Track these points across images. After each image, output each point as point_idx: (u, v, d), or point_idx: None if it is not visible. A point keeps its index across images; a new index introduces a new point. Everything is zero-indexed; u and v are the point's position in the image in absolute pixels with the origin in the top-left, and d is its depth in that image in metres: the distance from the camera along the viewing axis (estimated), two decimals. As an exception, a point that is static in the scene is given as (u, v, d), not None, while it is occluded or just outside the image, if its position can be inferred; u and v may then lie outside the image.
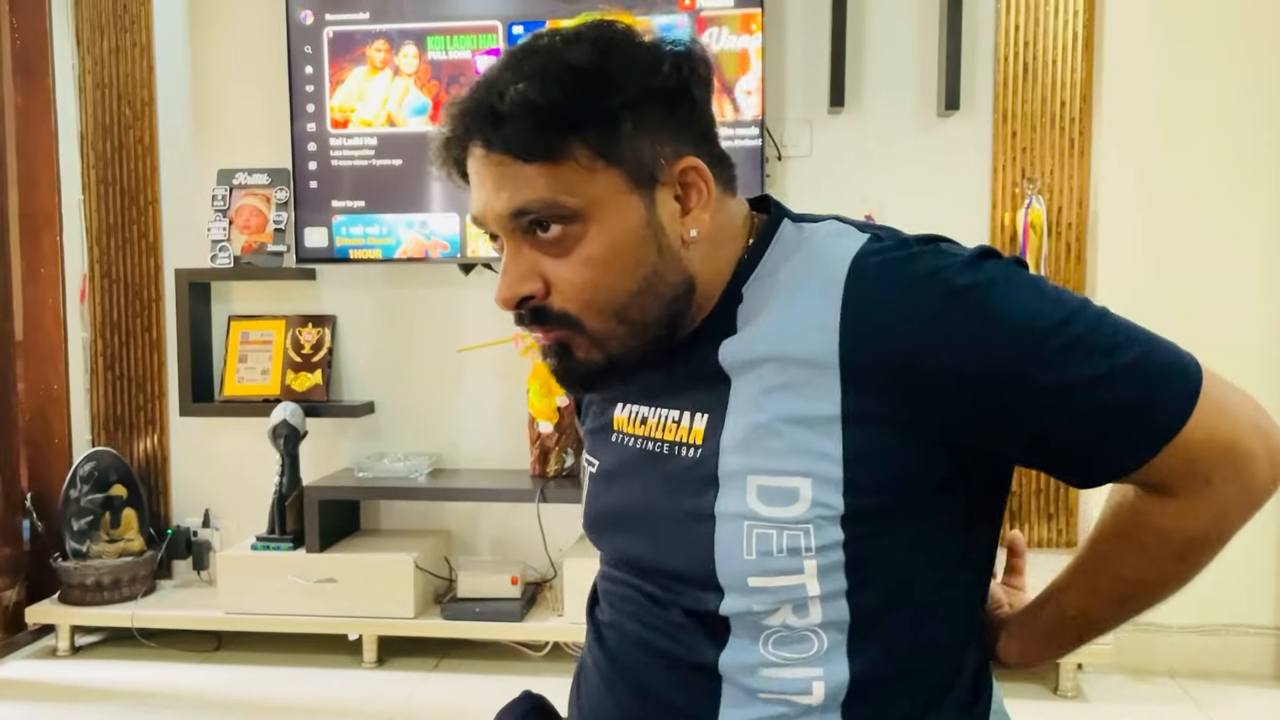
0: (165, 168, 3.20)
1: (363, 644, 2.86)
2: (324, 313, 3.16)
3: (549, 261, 0.81)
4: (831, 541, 0.79)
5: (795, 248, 0.85)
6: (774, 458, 0.80)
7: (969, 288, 0.77)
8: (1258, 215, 2.68)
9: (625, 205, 0.80)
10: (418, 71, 2.90)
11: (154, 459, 3.25)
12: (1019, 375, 0.76)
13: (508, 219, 0.81)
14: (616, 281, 0.81)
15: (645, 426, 0.91)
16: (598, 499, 0.96)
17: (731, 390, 0.84)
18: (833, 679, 0.82)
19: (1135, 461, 0.78)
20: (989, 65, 2.89)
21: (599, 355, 0.84)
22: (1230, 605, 2.71)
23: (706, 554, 0.82)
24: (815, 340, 0.79)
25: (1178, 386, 0.77)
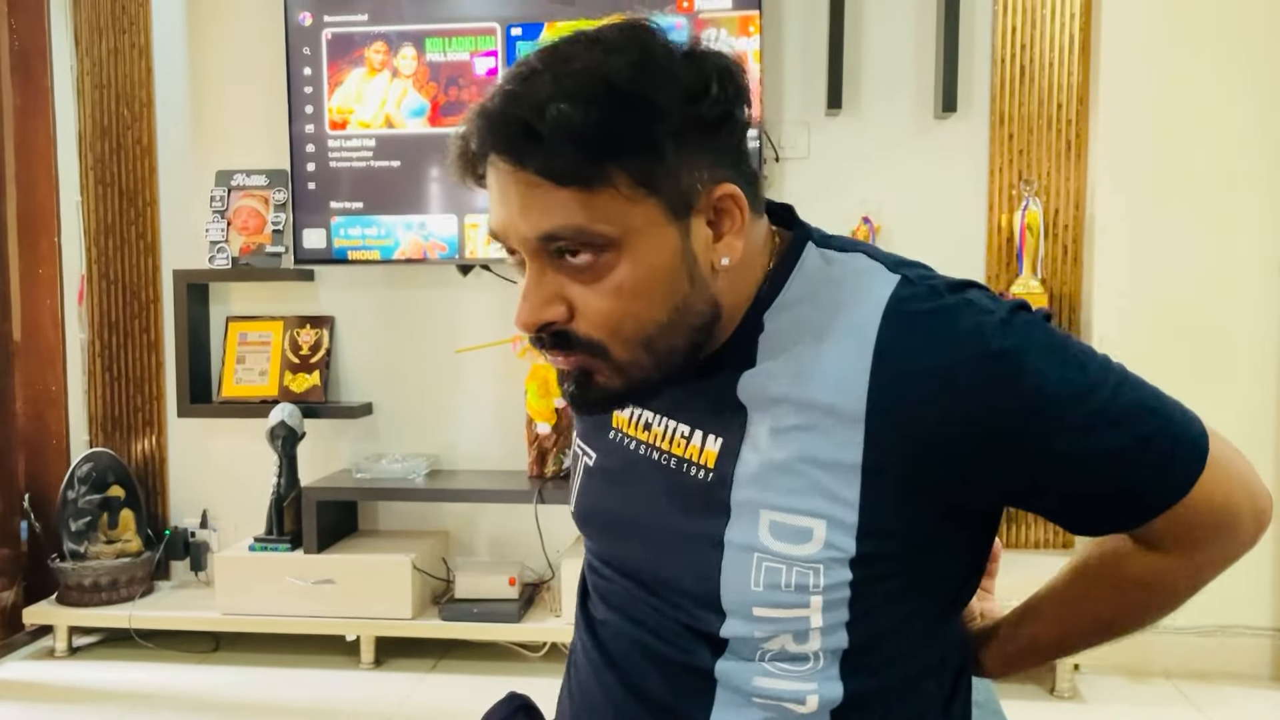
0: (163, 169, 3.20)
1: (360, 645, 2.86)
2: (322, 314, 3.16)
3: (575, 287, 0.77)
4: (839, 581, 0.79)
5: (822, 282, 0.83)
6: (789, 496, 0.79)
7: (1004, 352, 0.76)
8: (1253, 218, 2.69)
9: (662, 235, 0.76)
10: (416, 73, 2.90)
11: (152, 460, 3.25)
12: (1041, 443, 0.76)
13: (534, 241, 0.76)
14: (646, 312, 0.78)
15: (650, 434, 0.89)
16: (593, 496, 0.95)
17: (749, 421, 0.82)
18: (826, 694, 0.83)
19: (1135, 523, 0.81)
20: (986, 68, 2.90)
21: (619, 382, 0.81)
22: (1227, 607, 2.72)
23: (712, 578, 0.81)
24: (843, 388, 0.78)
25: (1186, 457, 0.79)
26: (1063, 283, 2.87)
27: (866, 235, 2.85)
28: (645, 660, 0.88)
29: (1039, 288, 2.78)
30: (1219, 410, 2.95)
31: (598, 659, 0.92)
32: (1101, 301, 2.76)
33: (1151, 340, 2.71)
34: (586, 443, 0.97)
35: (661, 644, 0.87)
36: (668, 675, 0.86)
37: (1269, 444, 2.69)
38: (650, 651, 0.88)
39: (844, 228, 2.86)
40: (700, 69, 0.77)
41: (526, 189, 0.75)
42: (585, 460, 0.97)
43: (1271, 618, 2.72)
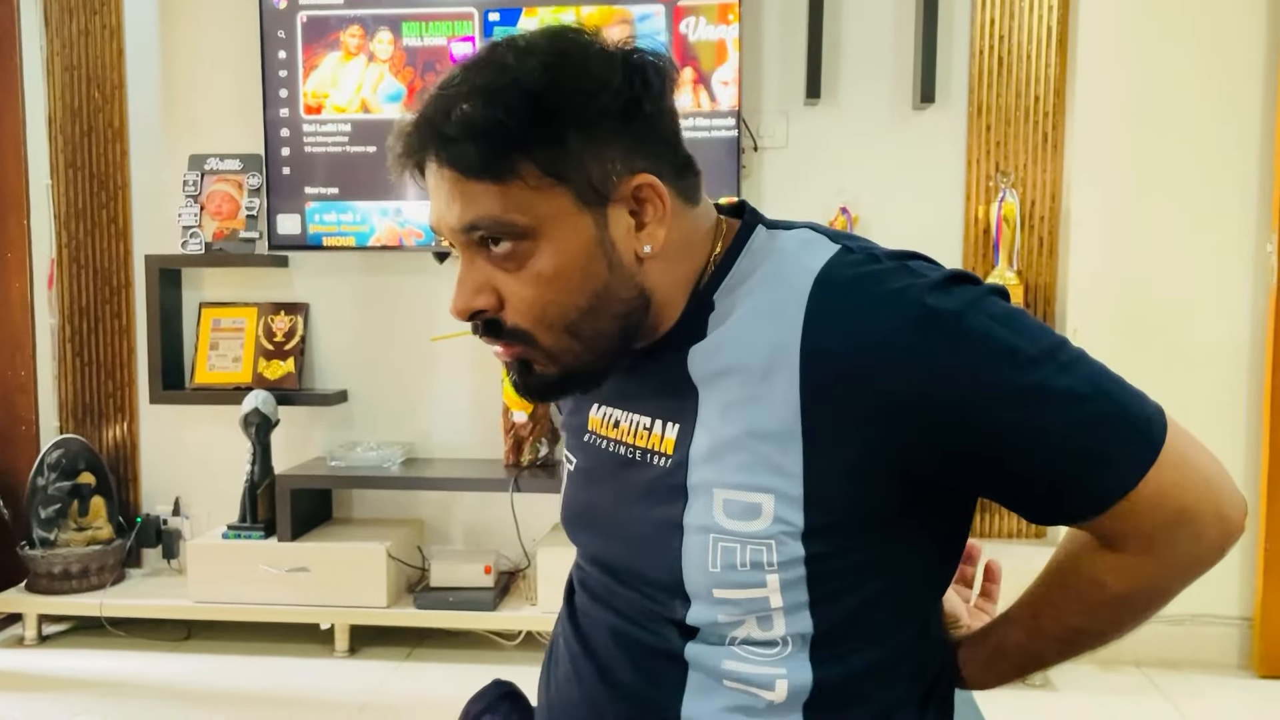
0: (135, 152, 3.16)
1: (335, 633, 2.85)
2: (297, 300, 3.13)
3: (502, 276, 0.82)
4: (793, 557, 0.79)
5: (765, 256, 0.85)
6: (738, 472, 0.80)
7: (938, 312, 0.75)
8: (1228, 211, 2.71)
9: (575, 223, 0.80)
10: (393, 58, 2.88)
11: (123, 447, 3.22)
12: (976, 411, 0.75)
13: (460, 232, 0.81)
14: (566, 298, 0.81)
15: (618, 430, 0.91)
16: (575, 497, 0.98)
17: (700, 401, 0.83)
18: (796, 680, 0.83)
19: (1086, 513, 0.79)
20: (964, 59, 2.90)
21: (555, 369, 0.84)
22: (1196, 596, 2.73)
23: (675, 564, 0.83)
24: (776, 353, 0.79)
25: (1139, 444, 0.76)
26: (1038, 274, 2.89)
27: (844, 225, 2.86)
28: (620, 649, 0.89)
29: (1015, 279, 2.80)
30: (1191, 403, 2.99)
31: (577, 650, 0.93)
32: (1076, 293, 2.77)
33: (1125, 332, 2.73)
34: (571, 450, 1.00)
35: (636, 629, 0.88)
36: (641, 662, 0.87)
37: (1240, 438, 2.72)
38: (626, 639, 0.88)
39: (822, 217, 2.86)
40: (610, 64, 0.80)
41: (450, 184, 0.80)
42: (569, 466, 1.00)
43: (1240, 607, 2.75)
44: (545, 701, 0.97)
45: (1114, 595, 0.83)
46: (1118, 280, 2.74)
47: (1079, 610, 0.86)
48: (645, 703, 0.86)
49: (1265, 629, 2.68)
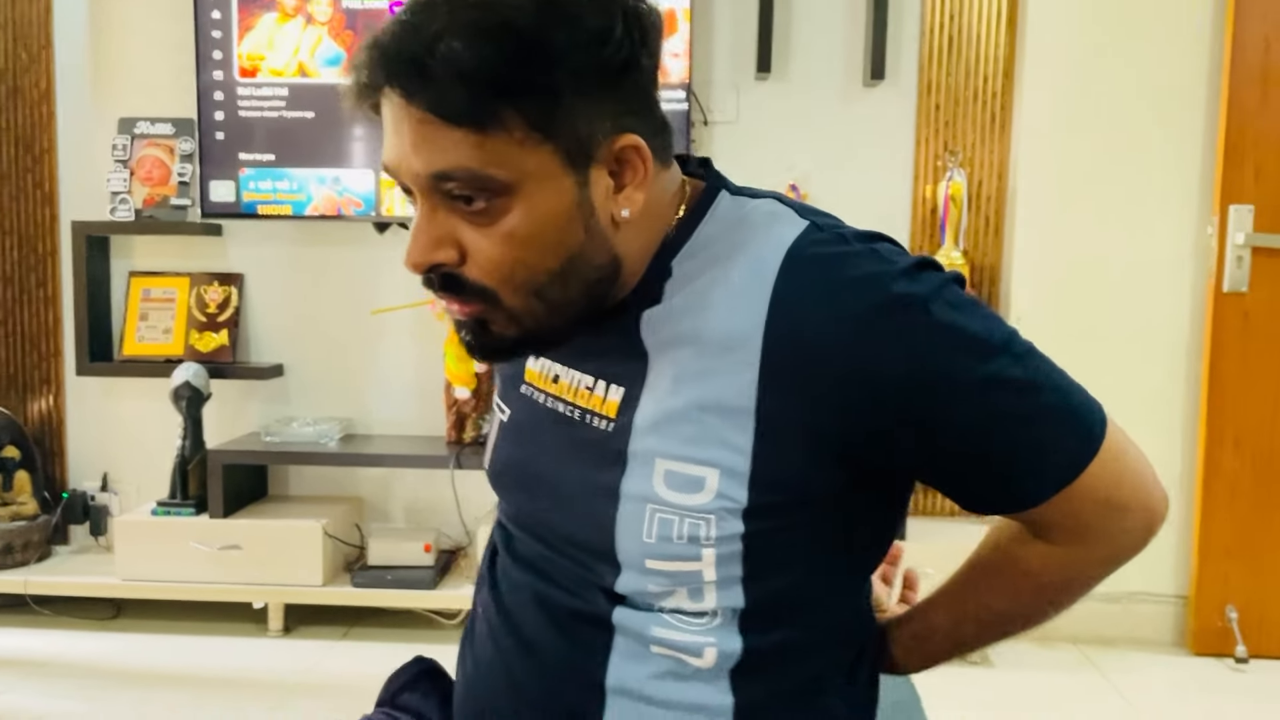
0: (62, 115, 3.04)
1: (268, 612, 2.78)
2: (231, 270, 3.04)
3: (467, 230, 0.75)
4: (731, 533, 0.77)
5: (732, 224, 0.81)
6: (684, 444, 0.77)
7: (904, 298, 0.73)
8: (1171, 193, 2.73)
9: (557, 183, 0.74)
10: (332, 20, 2.79)
11: (49, 420, 3.11)
12: (937, 398, 0.74)
13: (426, 179, 0.74)
14: (538, 260, 0.76)
15: (558, 386, 0.87)
16: (505, 451, 0.93)
17: (649, 368, 0.80)
18: (725, 648, 0.81)
19: (1026, 503, 0.78)
20: (915, 37, 2.89)
21: (514, 330, 0.79)
22: (1133, 575, 2.77)
23: (608, 530, 0.79)
24: (739, 328, 0.76)
25: (1082, 438, 0.77)
26: (984, 254, 2.89)
27: (792, 202, 2.83)
28: (544, 615, 0.85)
29: (961, 259, 2.80)
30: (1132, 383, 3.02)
31: (497, 623, 0.89)
32: (1020, 274, 2.78)
33: (1068, 314, 2.75)
34: (503, 400, 0.95)
35: (561, 594, 0.84)
36: (566, 626, 0.84)
37: (1178, 418, 2.75)
38: (549, 604, 0.85)
39: (770, 194, 2.83)
40: (607, 11, 0.73)
41: (419, 125, 0.72)
42: (501, 417, 0.95)
43: (1174, 585, 2.79)
44: (463, 675, 0.93)
45: (1042, 583, 0.85)
46: (1062, 261, 2.75)
47: (1006, 596, 0.88)
48: (568, 669, 0.83)
49: (1199, 607, 2.72)
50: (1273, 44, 2.62)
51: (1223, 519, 2.70)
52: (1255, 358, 2.68)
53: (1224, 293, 2.66)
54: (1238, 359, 2.68)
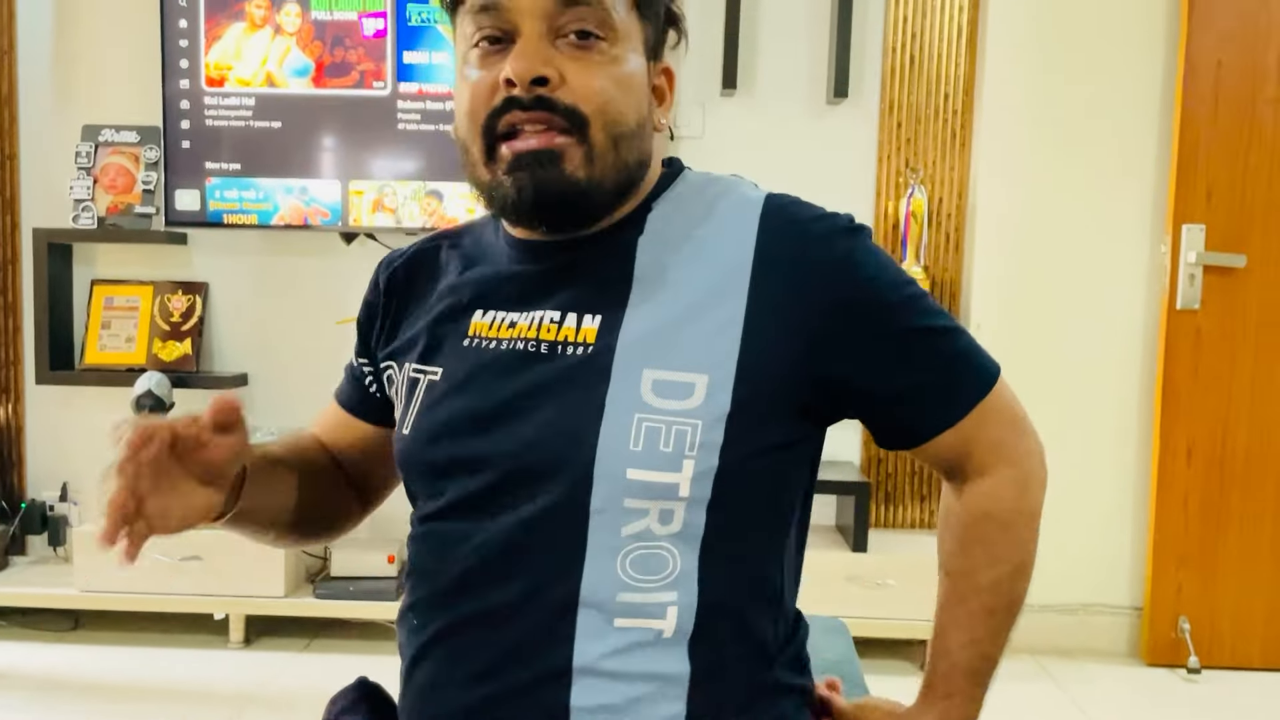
0: (25, 121, 3.02)
1: (229, 623, 2.76)
2: (195, 279, 3.03)
3: (569, 63, 0.84)
4: (712, 441, 0.82)
5: (702, 184, 0.94)
6: (675, 354, 0.84)
7: (854, 232, 0.89)
8: (1125, 211, 2.80)
9: (640, 57, 0.89)
10: (300, 31, 2.79)
11: (8, 429, 3.07)
12: (888, 313, 0.87)
13: (553, 4, 0.83)
14: (626, 106, 0.86)
15: (515, 329, 0.89)
16: (445, 407, 0.90)
17: (633, 291, 0.87)
18: (684, 603, 0.83)
19: (949, 419, 0.89)
20: (877, 56, 2.93)
21: (583, 174, 0.85)
22: (1087, 585, 2.84)
23: (588, 444, 0.82)
24: (729, 254, 0.86)
25: (986, 364, 0.92)
26: (944, 269, 2.94)
27: (757, 217, 2.87)
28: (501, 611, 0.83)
29: (921, 273, 2.84)
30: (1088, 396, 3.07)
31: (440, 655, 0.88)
32: (980, 288, 2.83)
33: (1026, 327, 2.80)
34: (427, 362, 0.94)
35: (516, 568, 0.83)
36: (524, 612, 0.83)
37: (1132, 434, 2.81)
38: (504, 579, 0.83)
39: (735, 208, 2.87)
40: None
41: None
42: (428, 379, 0.93)
43: (1129, 597, 2.85)
44: (413, 689, 0.90)
45: (973, 522, 0.92)
46: (1020, 276, 2.81)
47: (981, 558, 0.93)
48: (532, 652, 0.83)
49: (1154, 618, 2.78)
50: (1224, 66, 2.69)
51: (1176, 531, 2.76)
52: (1207, 373, 2.74)
53: (1177, 310, 2.73)
54: (1189, 374, 2.74)
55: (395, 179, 2.82)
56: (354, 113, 2.80)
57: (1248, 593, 2.76)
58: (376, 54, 2.79)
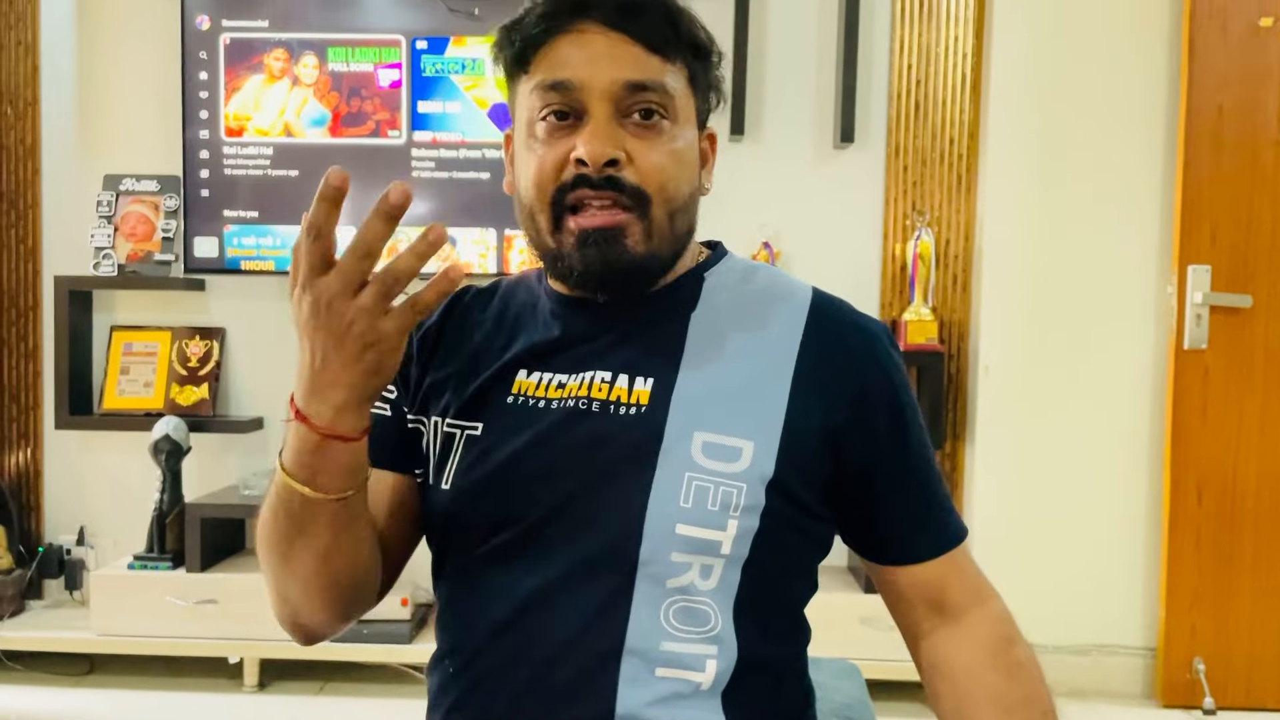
0: (48, 171, 3.08)
1: (244, 667, 2.77)
2: (212, 325, 3.07)
3: (634, 142, 0.90)
4: (754, 504, 0.87)
5: (753, 269, 1.01)
6: (724, 419, 0.89)
7: (891, 342, 0.97)
8: (1131, 252, 2.82)
9: (692, 129, 0.95)
10: (317, 82, 2.86)
11: (27, 473, 3.11)
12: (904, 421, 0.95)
13: (623, 87, 0.89)
14: (682, 181, 0.92)
15: (564, 390, 0.92)
16: (485, 461, 0.91)
17: (684, 359, 0.92)
18: (723, 657, 0.86)
19: (941, 545, 0.96)
20: (883, 102, 2.98)
21: (642, 249, 0.90)
22: (1099, 625, 2.83)
23: (639, 499, 0.86)
24: (778, 337, 0.93)
25: (956, 515, 0.99)
26: (952, 310, 2.96)
27: (766, 259, 2.90)
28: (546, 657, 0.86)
29: (930, 315, 2.87)
30: (1097, 437, 3.06)
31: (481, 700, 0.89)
32: (988, 329, 2.85)
33: (1034, 368, 2.82)
34: (466, 418, 0.94)
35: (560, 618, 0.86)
36: (569, 661, 0.85)
37: (1142, 474, 2.82)
38: (549, 636, 0.86)
39: (745, 251, 2.90)
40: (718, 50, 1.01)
41: (619, 48, 0.90)
42: (467, 434, 0.94)
43: (1143, 637, 2.84)
44: None
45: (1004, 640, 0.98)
46: (1028, 317, 2.83)
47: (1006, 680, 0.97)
48: (577, 697, 0.85)
49: (1168, 659, 2.76)
50: (1225, 110, 2.73)
51: (1188, 571, 2.75)
52: (1216, 412, 2.75)
53: (1184, 349, 2.74)
54: (1198, 413, 2.75)
55: (409, 225, 2.86)
56: (369, 161, 2.86)
57: (1263, 632, 2.75)
58: (392, 104, 2.85)
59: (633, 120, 0.90)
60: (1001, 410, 2.83)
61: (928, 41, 2.95)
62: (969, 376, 2.95)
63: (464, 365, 0.97)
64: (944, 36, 2.94)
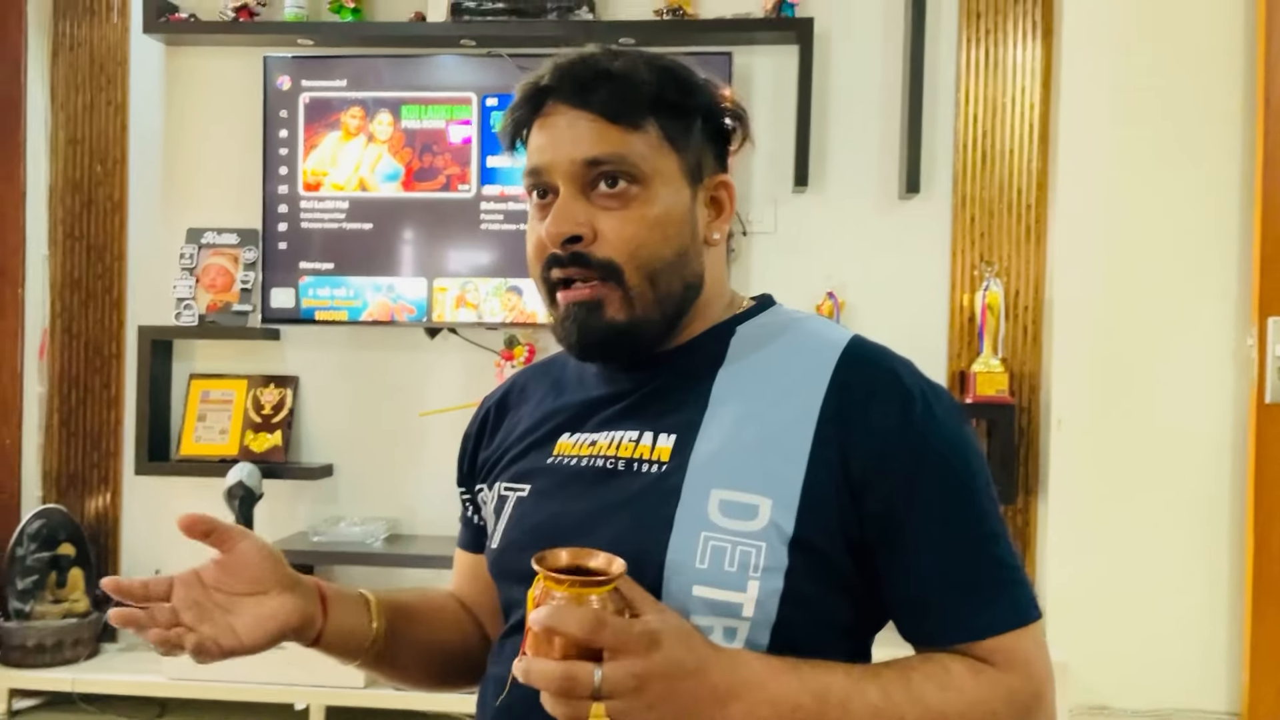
0: (134, 225, 3.20)
1: (309, 714, 2.79)
2: (287, 373, 3.14)
3: (602, 215, 0.91)
4: (776, 564, 0.85)
5: (794, 321, 0.99)
6: (741, 476, 0.87)
7: (936, 398, 0.91)
8: (1209, 302, 2.76)
9: (677, 187, 0.94)
10: (391, 138, 2.94)
11: (105, 518, 3.19)
12: (936, 484, 0.87)
13: (581, 165, 0.91)
14: (659, 245, 0.92)
15: (594, 447, 0.95)
16: (531, 518, 0.97)
17: (707, 415, 0.91)
18: None
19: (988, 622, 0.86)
20: (949, 152, 2.97)
21: (624, 317, 0.92)
22: (1182, 690, 2.72)
23: (657, 560, 0.85)
24: (803, 389, 0.90)
25: (1026, 599, 0.88)
26: (1023, 362, 2.92)
27: (830, 310, 2.89)
28: None
29: (999, 367, 2.83)
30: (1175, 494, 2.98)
31: None
32: (1060, 381, 2.80)
33: (1109, 421, 2.75)
34: (518, 480, 1.00)
35: None
36: None
37: (1224, 529, 2.73)
38: None
39: (808, 301, 2.90)
40: (721, 93, 0.99)
41: (583, 125, 0.91)
42: (517, 495, 1.00)
43: (1225, 702, 2.72)
44: None
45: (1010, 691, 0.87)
46: (1102, 369, 2.77)
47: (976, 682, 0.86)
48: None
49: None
50: (1304, 158, 2.67)
51: (1274, 632, 2.65)
52: (1301, 467, 2.66)
53: (1266, 404, 2.66)
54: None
55: (477, 276, 2.92)
56: (440, 214, 2.92)
57: (1356, 699, 2.63)
58: (462, 159, 2.92)
59: (600, 192, 0.91)
60: (1075, 465, 2.77)
61: (994, 92, 2.94)
62: (1040, 430, 2.89)
63: (519, 434, 1.04)
64: (1010, 87, 2.93)
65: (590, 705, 0.72)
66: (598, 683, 0.72)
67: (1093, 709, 2.71)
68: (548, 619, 0.72)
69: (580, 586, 0.74)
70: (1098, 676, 2.70)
